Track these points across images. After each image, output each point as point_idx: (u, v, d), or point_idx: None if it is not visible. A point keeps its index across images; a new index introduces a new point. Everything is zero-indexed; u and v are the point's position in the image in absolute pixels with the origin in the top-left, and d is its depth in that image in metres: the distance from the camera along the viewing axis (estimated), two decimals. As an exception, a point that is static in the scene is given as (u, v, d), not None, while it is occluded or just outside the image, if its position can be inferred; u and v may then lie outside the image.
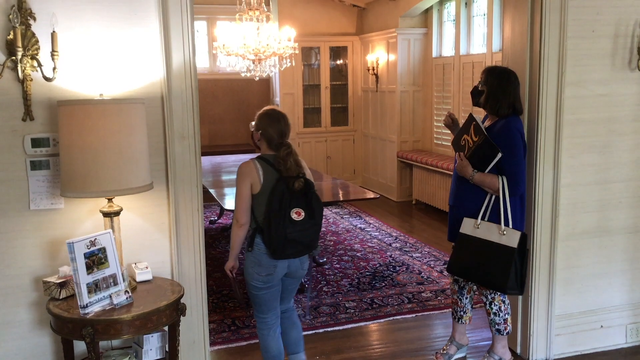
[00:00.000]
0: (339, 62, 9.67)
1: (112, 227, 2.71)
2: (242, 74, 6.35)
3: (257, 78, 6.37)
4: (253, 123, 3.25)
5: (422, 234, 6.88)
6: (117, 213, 2.72)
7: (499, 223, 3.27)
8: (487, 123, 3.49)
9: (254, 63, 6.21)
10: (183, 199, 3.02)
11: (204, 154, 9.01)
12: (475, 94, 3.48)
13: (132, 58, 2.85)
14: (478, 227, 3.33)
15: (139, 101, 2.70)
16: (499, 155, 3.21)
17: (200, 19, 9.24)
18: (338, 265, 5.68)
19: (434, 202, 7.86)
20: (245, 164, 3.06)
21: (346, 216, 7.75)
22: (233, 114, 9.77)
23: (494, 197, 3.32)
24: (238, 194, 3.02)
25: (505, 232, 3.25)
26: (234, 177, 3.14)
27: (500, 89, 3.33)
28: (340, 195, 5.70)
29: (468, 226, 3.38)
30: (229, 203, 4.94)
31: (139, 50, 2.86)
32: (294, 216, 2.95)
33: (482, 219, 3.33)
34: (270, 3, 9.48)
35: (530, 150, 3.66)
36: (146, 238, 2.98)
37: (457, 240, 3.42)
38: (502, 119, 3.36)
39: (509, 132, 3.28)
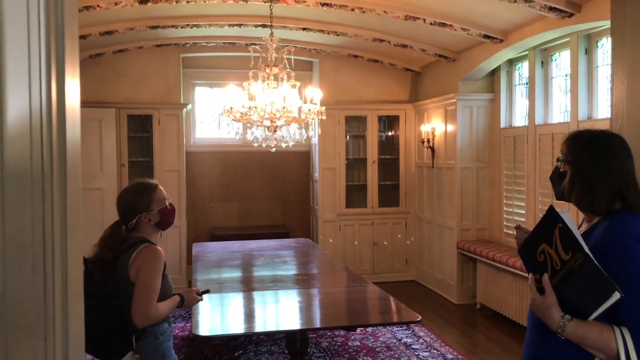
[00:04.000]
0: (389, 133, 8.34)
1: None
2: (255, 145, 5.10)
3: (273, 149, 5.10)
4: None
5: (487, 356, 5.18)
6: None
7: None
8: (583, 226, 1.98)
9: (269, 130, 4.96)
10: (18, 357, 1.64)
11: (232, 237, 7.81)
12: (556, 178, 2.01)
13: None
14: None
15: None
16: (616, 296, 1.67)
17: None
18: (365, 408, 4.09)
19: (504, 310, 6.14)
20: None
21: (389, 325, 6.12)
22: (267, 191, 8.53)
23: None
24: None
25: None
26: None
27: (594, 165, 1.86)
28: (369, 317, 4.16)
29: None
30: (205, 327, 3.54)
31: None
32: None
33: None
34: (313, 68, 8.41)
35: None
36: None
37: None
38: (604, 219, 1.86)
39: (622, 246, 1.75)
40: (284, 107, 4.74)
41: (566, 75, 5.84)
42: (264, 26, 6.36)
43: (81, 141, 4.79)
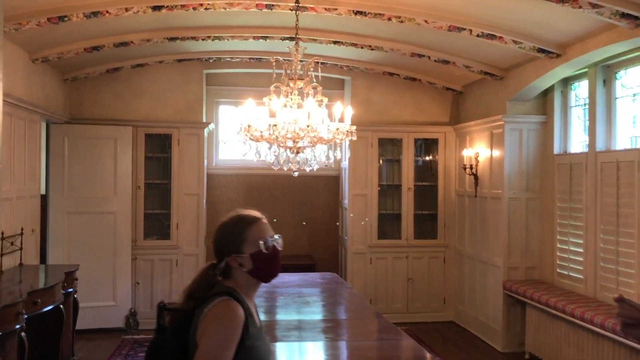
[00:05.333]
0: (427, 157, 7.64)
1: None
2: (275, 168, 4.48)
3: (296, 174, 4.47)
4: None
5: (542, 423, 4.39)
6: None
7: None
8: None
9: (291, 152, 4.34)
10: None
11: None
12: None
13: None
14: None
15: None
16: None
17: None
18: None
19: (559, 363, 5.34)
20: None
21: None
22: (293, 218, 7.90)
23: None
24: None
25: None
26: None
27: None
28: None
29: None
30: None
31: None
32: None
33: None
34: (344, 86, 7.83)
35: None
36: None
37: None
38: None
39: None
40: (308, 126, 4.12)
41: (634, 96, 5.10)
42: (291, 39, 5.78)
43: (94, 160, 4.03)
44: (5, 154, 4.92)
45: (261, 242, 2.03)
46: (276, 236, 2.10)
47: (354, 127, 4.32)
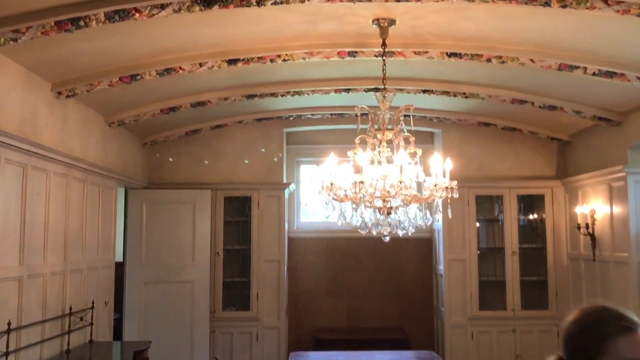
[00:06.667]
0: (532, 216, 6.79)
1: None
2: (363, 232, 3.89)
3: (387, 238, 3.86)
4: None
5: None
6: None
7: None
8: None
9: (381, 213, 3.75)
10: None
11: (340, 343, 6.45)
12: None
13: None
14: None
15: None
16: None
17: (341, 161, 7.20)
18: None
19: None
20: None
21: None
22: (380, 286, 7.21)
23: None
24: None
25: None
26: None
27: None
28: None
29: None
30: None
31: None
32: None
33: None
34: (434, 140, 7.22)
35: None
36: None
37: None
38: None
39: None
40: (400, 182, 3.53)
41: None
42: (376, 90, 5.30)
43: (172, 226, 3.37)
44: (75, 222, 4.66)
45: None
46: None
47: (455, 182, 3.68)
